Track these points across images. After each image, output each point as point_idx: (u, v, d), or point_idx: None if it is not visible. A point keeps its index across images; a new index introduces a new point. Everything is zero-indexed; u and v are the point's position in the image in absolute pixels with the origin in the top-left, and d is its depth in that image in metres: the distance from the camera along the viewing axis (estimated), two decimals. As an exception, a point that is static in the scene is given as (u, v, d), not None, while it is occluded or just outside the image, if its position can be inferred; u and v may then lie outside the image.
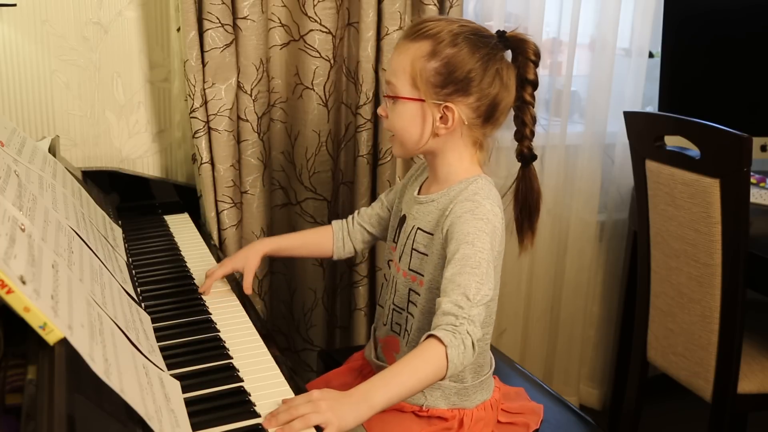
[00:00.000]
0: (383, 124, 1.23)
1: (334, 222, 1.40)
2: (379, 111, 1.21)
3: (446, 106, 1.12)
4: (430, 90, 1.12)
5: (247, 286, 1.27)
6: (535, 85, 1.17)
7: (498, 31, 1.17)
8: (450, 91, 1.12)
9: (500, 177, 1.42)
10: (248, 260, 1.30)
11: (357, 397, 0.92)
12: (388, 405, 0.96)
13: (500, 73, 1.13)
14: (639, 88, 2.19)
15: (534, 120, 1.19)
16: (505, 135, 1.30)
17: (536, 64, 1.16)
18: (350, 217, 1.40)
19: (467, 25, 1.14)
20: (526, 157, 1.19)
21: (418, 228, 1.20)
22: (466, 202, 1.11)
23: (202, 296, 1.27)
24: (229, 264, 1.30)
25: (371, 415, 0.93)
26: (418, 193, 1.24)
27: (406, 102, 1.14)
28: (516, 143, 1.20)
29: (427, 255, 1.18)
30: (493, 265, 1.09)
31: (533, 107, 1.18)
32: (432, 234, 1.17)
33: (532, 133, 1.19)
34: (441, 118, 1.13)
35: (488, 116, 1.15)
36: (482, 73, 1.12)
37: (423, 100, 1.12)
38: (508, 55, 1.17)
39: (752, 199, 1.87)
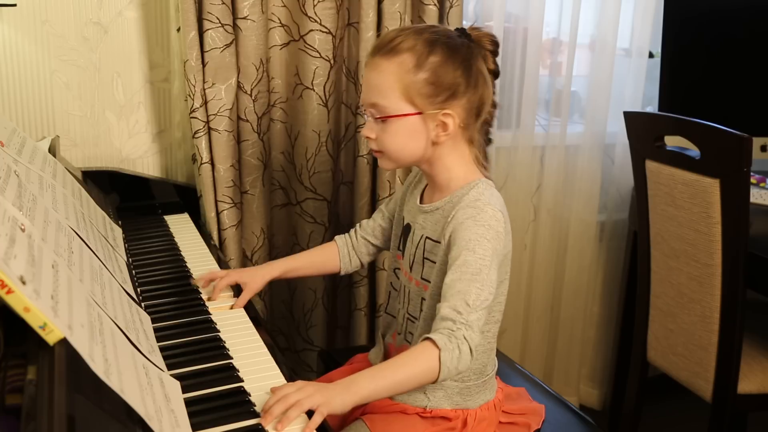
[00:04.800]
0: (369, 145, 1.17)
1: (337, 237, 1.40)
2: (365, 133, 1.16)
3: (445, 113, 1.11)
4: (425, 101, 1.11)
5: (239, 303, 1.26)
6: (496, 74, 1.18)
7: (456, 29, 1.17)
8: (444, 98, 1.11)
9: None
10: (254, 280, 1.30)
11: (343, 385, 0.97)
12: (375, 396, 1.00)
13: (480, 69, 1.14)
14: (639, 88, 2.19)
15: (495, 105, 1.20)
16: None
17: (495, 54, 1.17)
18: (352, 231, 1.40)
19: (436, 30, 1.14)
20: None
21: (427, 237, 1.19)
22: (468, 209, 1.11)
23: (202, 296, 1.27)
24: (235, 275, 1.31)
25: (357, 401, 0.97)
26: (421, 202, 1.24)
27: (400, 119, 1.12)
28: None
29: (435, 263, 1.18)
30: (500, 266, 1.11)
31: (494, 94, 1.19)
32: (439, 242, 1.17)
33: (492, 117, 1.20)
34: (438, 125, 1.12)
35: (478, 113, 1.16)
36: (468, 73, 1.12)
37: (420, 113, 1.11)
38: None
39: (752, 199, 1.87)
